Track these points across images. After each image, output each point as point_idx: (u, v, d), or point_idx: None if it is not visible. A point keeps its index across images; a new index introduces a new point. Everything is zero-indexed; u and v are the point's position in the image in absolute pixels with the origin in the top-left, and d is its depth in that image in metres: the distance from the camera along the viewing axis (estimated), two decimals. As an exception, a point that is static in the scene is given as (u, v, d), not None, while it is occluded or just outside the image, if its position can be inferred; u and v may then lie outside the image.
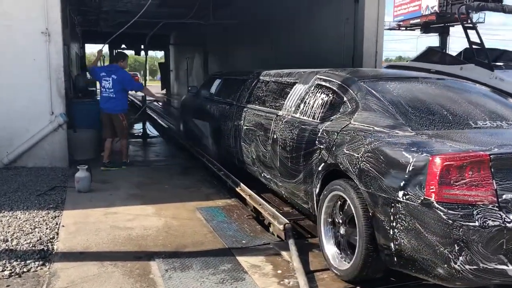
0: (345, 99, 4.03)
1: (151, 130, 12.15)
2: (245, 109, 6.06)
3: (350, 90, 4.01)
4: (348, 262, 3.56)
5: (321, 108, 4.30)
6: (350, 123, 3.77)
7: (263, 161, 5.28)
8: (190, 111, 9.16)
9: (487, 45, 9.83)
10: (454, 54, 11.43)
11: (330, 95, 4.28)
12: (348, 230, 3.62)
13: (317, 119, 4.29)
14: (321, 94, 4.44)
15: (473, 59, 9.52)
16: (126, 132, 7.65)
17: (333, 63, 9.49)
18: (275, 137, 4.92)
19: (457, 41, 72.17)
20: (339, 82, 4.24)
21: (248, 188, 5.71)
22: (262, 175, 5.43)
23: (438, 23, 30.48)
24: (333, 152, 3.74)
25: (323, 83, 4.50)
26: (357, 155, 3.43)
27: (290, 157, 4.53)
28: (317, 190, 4.03)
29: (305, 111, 4.56)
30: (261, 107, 5.65)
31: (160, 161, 8.22)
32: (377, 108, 3.66)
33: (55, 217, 5.10)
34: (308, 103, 4.57)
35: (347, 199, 3.53)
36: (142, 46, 31.17)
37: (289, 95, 5.03)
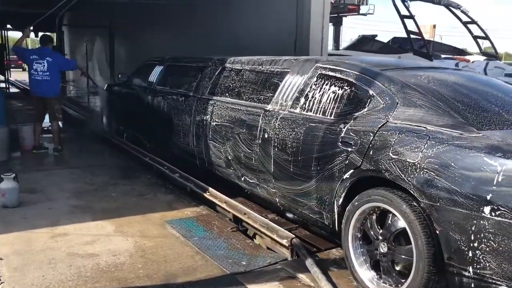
0: (371, 92, 3.44)
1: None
2: (210, 102, 5.23)
3: (378, 82, 3.43)
4: (396, 287, 3.01)
5: (335, 103, 3.67)
6: (388, 121, 3.18)
7: (246, 163, 4.54)
8: (121, 103, 8.04)
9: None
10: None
11: (345, 87, 3.66)
12: (394, 248, 3.06)
13: (330, 116, 3.65)
14: (329, 86, 3.81)
15: (410, 48, 9.53)
16: (59, 116, 7.62)
17: (272, 49, 8.94)
18: (266, 136, 4.20)
19: (347, 32, 75.46)
20: (357, 73, 3.63)
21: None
22: (243, 178, 4.68)
23: (332, 14, 31.18)
24: (370, 156, 3.13)
25: (331, 74, 3.86)
26: (412, 161, 2.86)
27: (293, 160, 3.85)
28: (341, 200, 3.41)
29: (309, 106, 3.90)
30: (236, 100, 4.87)
31: (91, 160, 7.03)
32: (423, 104, 3.12)
33: (-16, 246, 3.93)
34: (312, 97, 3.91)
35: (396, 213, 2.96)
36: (32, 28, 28.40)
37: (280, 87, 4.32)
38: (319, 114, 3.76)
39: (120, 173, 6.39)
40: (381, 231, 3.14)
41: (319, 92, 3.87)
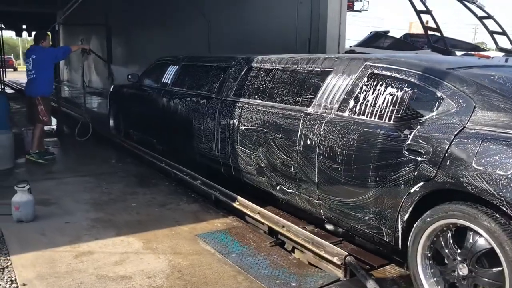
0: (439, 94, 3.08)
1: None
2: (237, 105, 4.86)
3: (447, 83, 3.07)
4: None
5: (394, 106, 3.31)
6: (465, 127, 2.84)
7: (283, 171, 4.17)
8: (131, 105, 7.63)
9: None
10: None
11: (405, 89, 3.30)
12: (477, 271, 2.72)
13: (389, 120, 3.29)
14: (385, 87, 3.45)
15: (428, 44, 9.19)
16: (42, 118, 6.86)
17: (283, 47, 8.59)
18: (308, 142, 3.84)
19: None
20: (419, 72, 3.27)
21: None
22: (278, 188, 4.32)
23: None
24: (447, 167, 2.78)
25: (385, 73, 3.50)
26: (504, 174, 2.51)
27: (344, 169, 3.49)
28: (407, 215, 3.06)
29: (360, 109, 3.54)
30: (268, 102, 4.50)
31: (102, 166, 6.63)
32: (508, 108, 2.77)
33: (2, 268, 3.53)
34: (364, 99, 3.55)
35: (481, 231, 2.62)
36: (24, 26, 27.69)
37: (322, 88, 3.96)
38: (375, 118, 3.40)
39: (136, 180, 6.00)
40: (459, 250, 2.80)
41: (372, 94, 3.51)
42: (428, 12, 9.24)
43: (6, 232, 4.18)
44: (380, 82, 3.50)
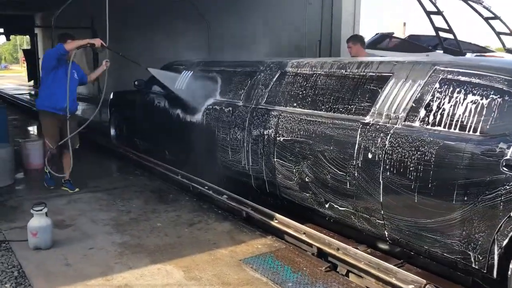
0: (538, 103, 2.74)
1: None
2: (272, 113, 4.46)
3: (549, 90, 2.73)
4: None
5: (479, 116, 2.96)
6: None
7: (335, 187, 3.78)
8: (138, 113, 7.14)
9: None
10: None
11: (493, 96, 2.95)
12: None
13: (475, 132, 2.93)
14: (464, 94, 3.09)
15: (440, 45, 8.93)
16: (44, 136, 5.67)
17: (289, 49, 8.23)
18: (370, 156, 3.45)
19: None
20: (509, 78, 2.92)
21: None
22: (328, 205, 3.92)
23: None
24: None
25: (463, 79, 3.14)
26: None
27: (420, 187, 3.12)
28: (506, 240, 2.70)
29: (434, 119, 3.17)
30: (312, 110, 4.11)
31: (112, 180, 6.13)
32: None
33: (29, 308, 3.05)
34: (438, 107, 3.19)
35: None
36: (2, 30, 26.65)
37: (381, 96, 3.58)
38: (455, 129, 3.04)
39: (152, 195, 5.53)
40: None
41: (448, 102, 3.15)
42: (439, 13, 8.97)
43: (25, 263, 3.68)
44: (457, 89, 3.14)
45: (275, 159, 4.38)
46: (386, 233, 3.49)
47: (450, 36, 9.45)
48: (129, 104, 7.41)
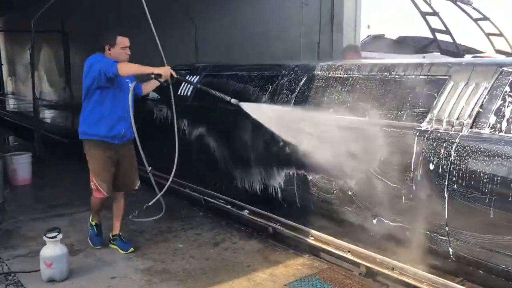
0: None
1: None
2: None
3: None
4: None
5: None
6: None
7: (386, 201, 3.46)
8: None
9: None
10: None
11: None
12: None
13: None
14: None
15: (438, 47, 8.84)
16: (92, 176, 4.05)
17: (283, 52, 7.91)
18: (432, 166, 3.15)
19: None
20: None
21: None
22: (375, 220, 3.60)
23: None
24: None
25: (539, 81, 2.89)
26: None
27: (496, 200, 2.83)
28: None
29: (508, 126, 2.90)
30: (352, 117, 3.77)
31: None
32: None
33: None
34: (513, 112, 2.91)
35: None
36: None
37: (438, 100, 3.28)
38: (538, 136, 2.77)
39: (164, 213, 5.06)
40: None
41: (524, 106, 2.88)
42: (434, 13, 8.87)
43: (41, 300, 3.20)
44: (535, 92, 2.88)
45: (297, 171, 4.02)
46: (451, 250, 3.19)
47: (446, 37, 9.41)
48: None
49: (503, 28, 10.24)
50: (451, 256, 3.24)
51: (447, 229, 3.14)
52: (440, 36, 9.41)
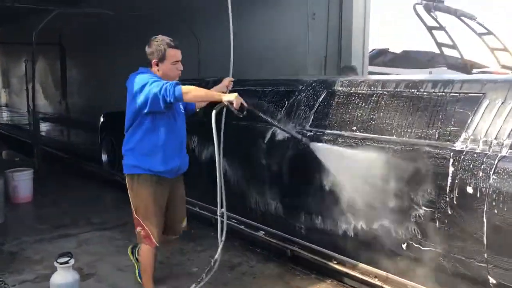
0: None
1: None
2: (323, 138, 3.95)
3: None
4: None
5: None
6: None
7: (418, 225, 3.29)
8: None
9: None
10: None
11: None
12: None
13: None
14: None
15: (444, 62, 8.77)
16: (141, 220, 3.40)
17: (289, 66, 7.78)
18: (470, 190, 2.99)
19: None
20: None
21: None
22: (406, 245, 3.42)
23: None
24: None
25: None
26: None
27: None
28: None
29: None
30: (378, 135, 3.62)
31: (119, 214, 5.39)
32: None
33: None
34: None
35: None
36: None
37: (473, 118, 3.14)
38: None
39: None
40: None
41: None
42: (441, 28, 8.80)
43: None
44: None
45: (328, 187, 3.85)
46: (490, 277, 3.01)
47: (451, 52, 9.33)
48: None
49: (508, 43, 10.20)
50: (491, 285, 3.07)
51: (485, 256, 2.97)
52: (446, 51, 9.35)
